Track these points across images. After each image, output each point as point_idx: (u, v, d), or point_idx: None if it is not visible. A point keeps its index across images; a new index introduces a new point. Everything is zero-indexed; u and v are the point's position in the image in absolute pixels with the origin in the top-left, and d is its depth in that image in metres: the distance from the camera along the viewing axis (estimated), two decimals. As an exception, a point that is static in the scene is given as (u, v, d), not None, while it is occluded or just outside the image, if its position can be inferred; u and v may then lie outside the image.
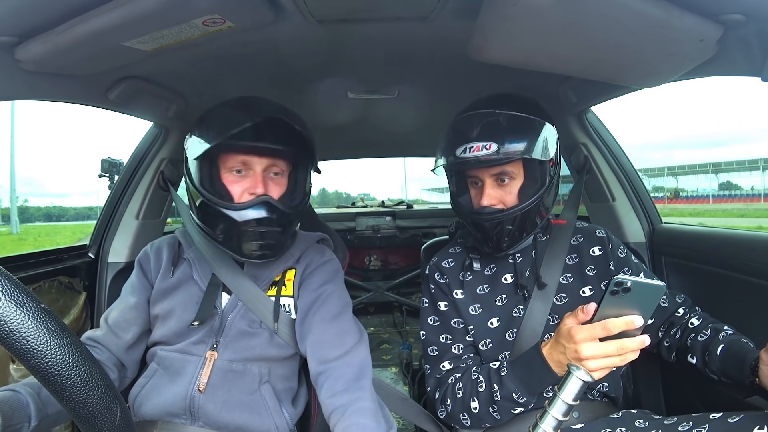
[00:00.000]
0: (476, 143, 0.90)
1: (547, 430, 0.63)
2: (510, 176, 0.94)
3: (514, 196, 0.95)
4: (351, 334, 0.90)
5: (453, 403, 0.94)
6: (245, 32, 0.84)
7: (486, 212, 0.95)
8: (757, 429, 0.68)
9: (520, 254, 1.03)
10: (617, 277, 0.64)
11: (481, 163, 0.91)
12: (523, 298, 1.00)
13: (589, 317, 0.70)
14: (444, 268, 1.08)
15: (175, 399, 0.88)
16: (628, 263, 1.04)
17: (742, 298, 1.08)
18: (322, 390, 0.83)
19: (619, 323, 0.67)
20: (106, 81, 1.03)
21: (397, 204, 3.83)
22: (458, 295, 1.03)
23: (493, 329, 0.99)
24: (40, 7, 0.71)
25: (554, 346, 0.78)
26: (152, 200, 1.46)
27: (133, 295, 0.99)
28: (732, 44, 0.78)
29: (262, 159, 0.89)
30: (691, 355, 0.93)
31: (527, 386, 0.83)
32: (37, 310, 0.37)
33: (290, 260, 0.99)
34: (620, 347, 0.68)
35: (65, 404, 0.38)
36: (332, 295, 0.96)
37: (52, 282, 1.24)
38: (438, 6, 0.85)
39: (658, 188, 51.43)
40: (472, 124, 0.93)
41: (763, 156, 57.59)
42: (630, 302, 0.66)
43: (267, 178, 0.91)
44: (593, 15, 0.71)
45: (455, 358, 1.00)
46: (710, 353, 0.88)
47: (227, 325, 0.93)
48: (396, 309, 3.36)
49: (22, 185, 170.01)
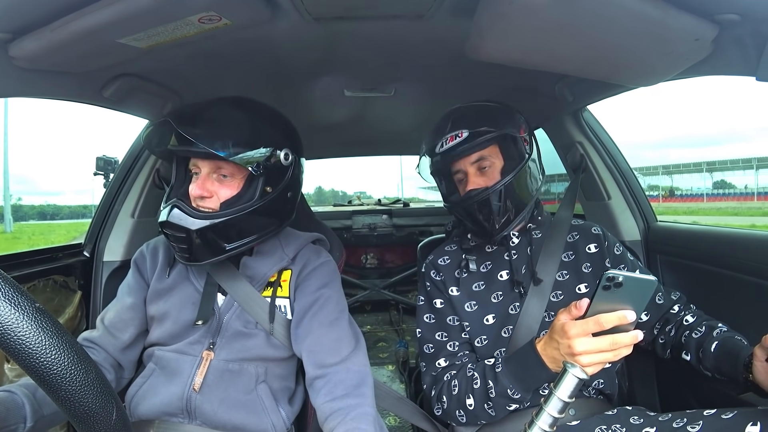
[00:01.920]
0: (450, 134, 0.97)
1: (543, 427, 0.63)
2: (489, 161, 0.99)
3: (497, 179, 0.98)
4: (348, 340, 0.90)
5: (449, 400, 0.94)
6: (241, 30, 0.83)
7: (472, 194, 0.98)
8: (750, 426, 0.69)
9: (516, 251, 1.04)
10: (609, 272, 0.64)
11: (458, 151, 0.96)
12: (519, 295, 1.00)
13: (582, 312, 0.71)
14: (440, 266, 1.09)
15: (171, 398, 0.88)
16: (624, 260, 1.05)
17: (735, 296, 1.09)
18: (319, 394, 0.83)
19: (611, 318, 0.68)
20: (101, 78, 1.02)
21: (393, 202, 3.83)
22: (454, 292, 1.04)
23: (488, 326, 1.00)
24: (34, 3, 0.70)
25: (548, 342, 0.78)
26: (148, 199, 1.45)
27: (129, 295, 0.98)
28: (727, 44, 0.78)
29: (205, 162, 0.88)
30: (685, 352, 0.94)
31: (522, 382, 0.84)
32: (32, 309, 0.36)
33: (285, 260, 0.99)
34: (613, 342, 0.69)
35: (61, 404, 0.38)
36: (330, 300, 0.95)
37: (46, 281, 1.23)
38: (435, 4, 0.85)
39: (653, 187, 51.74)
40: (443, 122, 1.01)
41: (756, 155, 58.03)
42: (622, 297, 0.66)
43: (216, 180, 0.88)
44: (589, 14, 0.71)
45: (450, 356, 1.00)
46: (704, 350, 0.89)
47: (224, 325, 0.93)
48: (392, 307, 3.37)
49: (15, 183, 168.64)
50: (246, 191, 0.89)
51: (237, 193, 0.88)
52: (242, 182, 0.89)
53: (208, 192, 0.87)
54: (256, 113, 0.92)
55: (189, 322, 0.92)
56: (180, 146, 0.84)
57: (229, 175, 0.88)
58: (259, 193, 0.89)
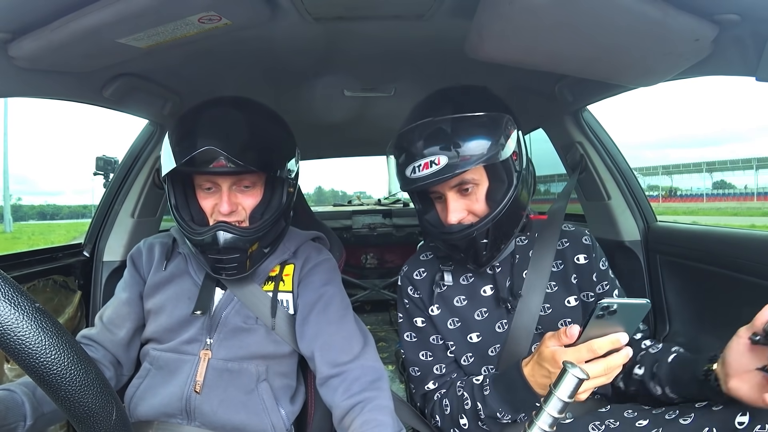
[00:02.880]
0: (423, 160, 0.80)
1: (543, 427, 0.63)
2: (472, 183, 0.84)
3: (482, 203, 0.85)
4: (357, 337, 0.90)
5: (442, 419, 0.92)
6: (241, 30, 0.83)
7: (455, 230, 0.85)
8: (740, 416, 0.69)
9: (499, 264, 0.95)
10: (603, 302, 0.63)
11: (433, 182, 0.80)
12: (506, 311, 0.94)
13: (573, 341, 0.69)
14: (416, 281, 1.00)
15: (171, 399, 0.88)
16: (606, 277, 0.97)
17: (735, 296, 1.09)
18: (336, 392, 0.82)
19: (605, 344, 0.66)
20: (101, 78, 1.02)
21: (393, 202, 3.83)
22: (434, 311, 0.97)
23: (473, 344, 0.94)
24: (34, 3, 0.70)
25: (536, 368, 0.75)
26: (147, 198, 1.45)
27: (125, 291, 0.98)
28: (727, 44, 0.78)
29: (225, 177, 0.86)
30: (639, 365, 0.88)
31: (511, 405, 0.81)
32: (32, 309, 0.36)
33: (286, 253, 0.99)
34: (607, 367, 0.68)
35: (60, 404, 0.38)
36: (335, 297, 0.95)
37: (46, 281, 1.23)
38: (435, 4, 0.85)
39: (653, 187, 51.72)
40: (414, 139, 0.82)
41: (756, 155, 57.96)
42: (615, 322, 0.66)
43: (237, 192, 0.88)
44: (589, 14, 0.71)
45: (438, 378, 0.96)
46: (660, 362, 0.84)
47: (221, 321, 0.92)
48: (392, 307, 3.37)
49: (15, 183, 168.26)
50: (272, 196, 0.91)
51: (261, 201, 0.90)
52: (263, 188, 0.91)
53: (234, 206, 0.87)
54: (266, 117, 0.93)
55: (184, 316, 0.91)
56: (219, 167, 0.81)
57: (251, 184, 0.89)
58: (286, 196, 0.92)
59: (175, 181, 0.90)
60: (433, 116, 0.82)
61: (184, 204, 0.91)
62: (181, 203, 0.90)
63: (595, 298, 0.95)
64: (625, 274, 1.42)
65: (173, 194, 0.90)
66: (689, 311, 1.29)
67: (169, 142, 0.84)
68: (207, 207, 0.89)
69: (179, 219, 0.88)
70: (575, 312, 0.94)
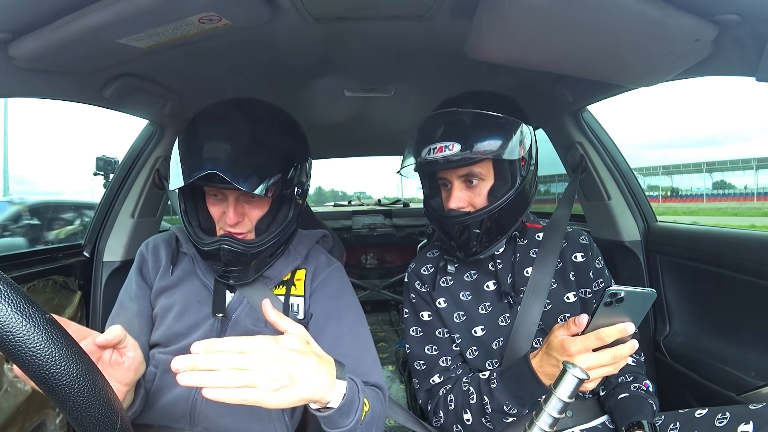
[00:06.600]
0: (439, 143, 0.87)
1: (543, 427, 0.63)
2: (478, 177, 0.90)
3: (484, 198, 0.90)
4: (371, 351, 0.91)
5: (446, 414, 0.93)
6: (241, 30, 0.83)
7: (452, 215, 0.91)
8: (743, 425, 0.69)
9: (501, 260, 0.99)
10: (611, 288, 0.64)
11: (444, 164, 0.87)
12: (509, 306, 0.97)
13: (582, 329, 0.70)
14: (423, 276, 1.04)
15: (176, 403, 0.87)
16: (602, 275, 1.00)
17: (735, 296, 1.09)
18: None
19: (612, 332, 0.67)
20: (101, 78, 1.02)
21: (393, 202, 3.84)
22: (441, 304, 0.99)
23: (477, 338, 0.97)
24: (34, 3, 0.70)
25: (545, 359, 0.77)
26: (148, 199, 1.45)
27: (134, 302, 0.95)
28: (727, 44, 0.78)
29: (232, 190, 0.84)
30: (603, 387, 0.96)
31: (518, 398, 0.82)
32: (42, 321, 0.37)
33: (298, 258, 0.98)
34: (614, 356, 0.69)
35: (67, 413, 0.38)
36: (350, 309, 0.95)
37: (46, 281, 1.23)
38: (435, 4, 0.85)
39: (653, 187, 51.71)
40: (435, 125, 0.90)
41: (756, 155, 57.85)
42: (622, 311, 0.67)
43: (244, 202, 0.88)
44: (589, 14, 0.71)
45: (444, 371, 0.97)
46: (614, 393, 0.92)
47: (231, 323, 0.91)
48: (392, 307, 3.37)
49: (15, 183, 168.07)
50: (279, 207, 0.90)
51: (267, 212, 0.89)
52: (270, 200, 0.89)
53: (241, 216, 0.87)
54: (279, 128, 0.90)
55: (194, 320, 0.91)
56: (220, 185, 0.81)
57: (257, 197, 0.87)
58: (293, 207, 0.91)
59: (185, 186, 0.88)
60: (458, 108, 0.90)
61: (193, 209, 0.90)
62: (190, 209, 0.90)
63: (592, 294, 0.98)
64: (625, 275, 1.43)
65: (183, 199, 0.90)
66: (689, 311, 1.29)
67: (178, 151, 0.83)
68: (215, 214, 0.88)
69: (187, 225, 0.89)
70: (574, 308, 0.96)
